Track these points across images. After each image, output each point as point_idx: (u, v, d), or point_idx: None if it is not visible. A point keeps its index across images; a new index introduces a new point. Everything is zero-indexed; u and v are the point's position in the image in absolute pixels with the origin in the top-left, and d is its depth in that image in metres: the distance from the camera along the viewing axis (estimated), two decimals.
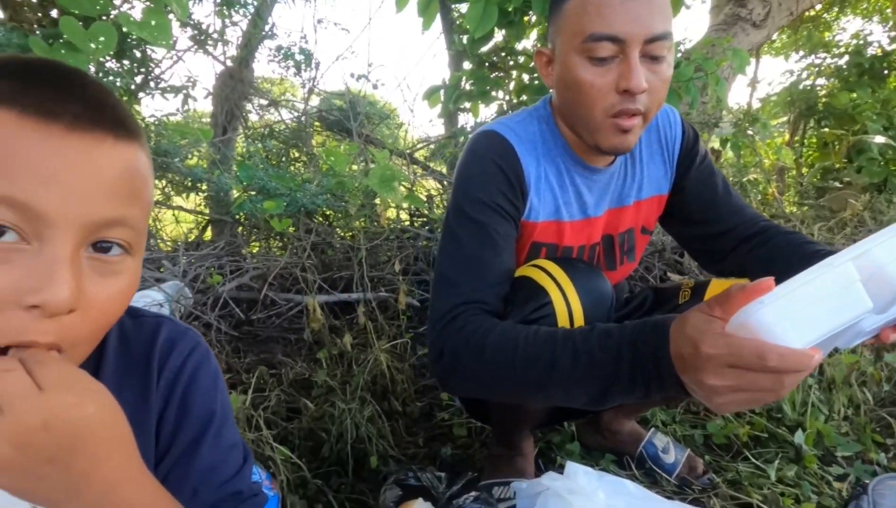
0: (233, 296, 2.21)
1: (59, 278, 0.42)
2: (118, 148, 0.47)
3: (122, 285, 0.49)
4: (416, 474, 0.99)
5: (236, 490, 0.64)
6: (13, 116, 0.42)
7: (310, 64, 3.22)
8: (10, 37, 1.85)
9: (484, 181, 1.04)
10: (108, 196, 0.46)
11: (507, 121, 1.11)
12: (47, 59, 0.49)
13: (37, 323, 0.43)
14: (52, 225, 0.43)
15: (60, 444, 0.41)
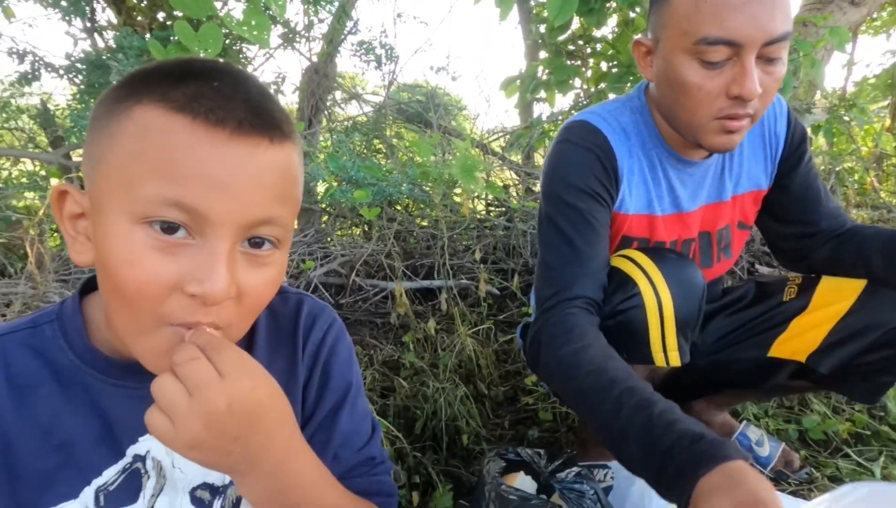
0: (322, 281, 2.32)
1: (216, 272, 0.47)
2: (274, 151, 0.51)
3: (272, 275, 0.54)
4: (515, 451, 1.03)
5: (370, 456, 0.70)
6: (186, 122, 0.47)
7: (390, 57, 3.30)
8: (130, 39, 2.02)
9: (580, 168, 1.03)
10: (263, 198, 0.50)
11: (599, 110, 1.09)
12: (216, 64, 0.53)
13: (199, 309, 0.49)
14: (213, 225, 0.48)
15: (242, 423, 0.47)
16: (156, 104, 0.48)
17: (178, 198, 0.46)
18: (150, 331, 0.50)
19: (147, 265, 0.47)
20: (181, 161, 0.46)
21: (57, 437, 0.56)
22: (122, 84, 0.52)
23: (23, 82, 2.62)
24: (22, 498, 0.55)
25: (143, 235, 0.47)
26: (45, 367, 0.57)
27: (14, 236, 2.20)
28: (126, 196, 0.47)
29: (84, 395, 0.58)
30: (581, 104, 3.38)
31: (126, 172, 0.47)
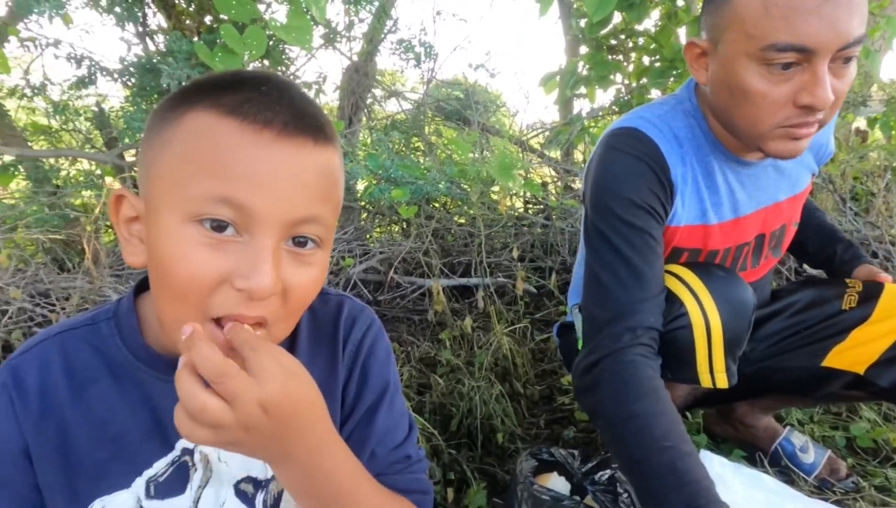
0: (361, 278, 2.37)
1: (263, 268, 0.50)
2: (317, 153, 0.53)
3: (315, 274, 0.56)
4: (549, 451, 1.03)
5: (406, 454, 0.71)
6: (235, 124, 0.50)
7: (429, 55, 3.32)
8: (179, 43, 2.09)
9: (633, 180, 0.97)
10: (306, 197, 0.52)
11: (648, 115, 1.02)
12: (258, 74, 0.56)
13: (245, 303, 0.51)
14: (260, 221, 0.50)
15: (278, 423, 0.49)
16: (207, 110, 0.51)
17: (226, 195, 0.49)
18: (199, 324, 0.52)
19: (196, 260, 0.50)
20: (230, 160, 0.49)
21: (111, 430, 0.60)
22: (175, 94, 0.55)
23: (80, 86, 2.75)
24: (78, 487, 0.58)
25: (194, 232, 0.50)
26: (102, 363, 0.61)
27: (72, 233, 2.31)
28: (178, 196, 0.50)
29: (137, 390, 0.61)
30: (622, 100, 3.32)
31: (178, 174, 0.50)
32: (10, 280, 1.80)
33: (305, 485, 0.56)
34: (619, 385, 0.88)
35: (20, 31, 2.74)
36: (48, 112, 2.88)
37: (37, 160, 2.62)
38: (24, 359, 0.60)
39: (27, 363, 0.60)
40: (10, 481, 0.57)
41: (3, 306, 1.74)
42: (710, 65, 0.94)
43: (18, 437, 0.57)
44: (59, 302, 1.83)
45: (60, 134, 3.17)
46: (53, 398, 0.59)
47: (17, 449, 0.57)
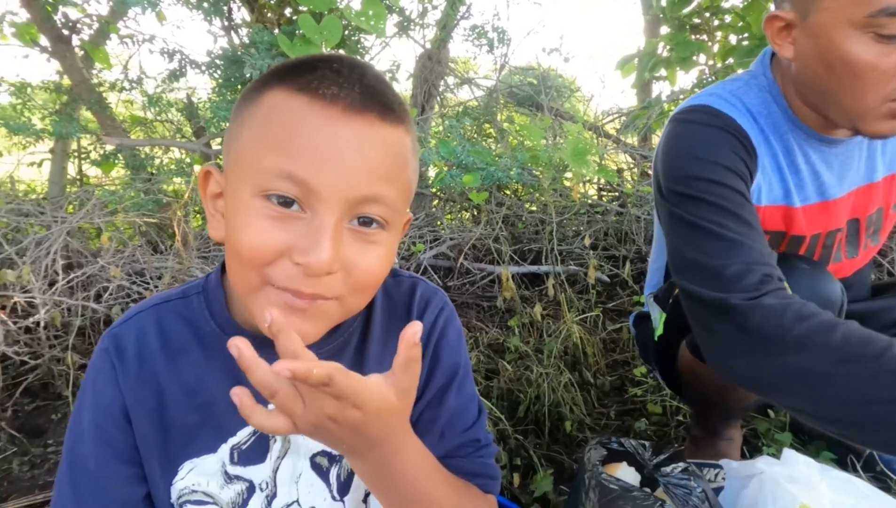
0: (431, 264, 2.39)
1: (321, 244, 0.50)
2: (383, 130, 0.53)
3: (380, 254, 0.56)
4: (618, 440, 1.01)
5: (475, 438, 0.71)
6: (304, 101, 0.52)
7: (502, 41, 3.28)
8: (261, 35, 2.18)
9: (716, 146, 0.90)
10: (369, 176, 0.52)
11: (719, 91, 0.96)
12: (334, 55, 0.58)
13: (303, 278, 0.52)
14: (321, 199, 0.50)
15: (347, 431, 0.49)
16: (282, 88, 0.53)
17: (290, 170, 0.50)
18: (257, 290, 0.54)
19: (259, 230, 0.51)
20: (295, 136, 0.50)
21: (201, 397, 0.63)
22: (258, 78, 0.57)
23: (172, 79, 2.92)
24: (171, 449, 0.63)
25: (260, 205, 0.52)
26: (193, 334, 0.65)
27: (164, 217, 2.47)
28: (251, 171, 0.52)
29: (224, 361, 0.64)
30: (705, 81, 3.16)
31: (253, 150, 0.53)
32: (110, 260, 1.96)
33: (377, 481, 0.58)
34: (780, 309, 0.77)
35: (119, 28, 2.94)
36: (144, 105, 3.08)
37: (134, 149, 2.81)
38: (123, 328, 0.64)
39: (126, 331, 0.64)
40: (114, 439, 0.62)
41: (104, 283, 1.89)
42: (798, 38, 0.87)
43: (119, 399, 0.62)
44: (153, 281, 1.96)
45: (155, 125, 3.39)
46: (150, 365, 0.63)
47: (119, 411, 0.62)
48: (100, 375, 0.62)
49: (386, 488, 0.58)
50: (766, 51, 0.99)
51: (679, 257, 0.90)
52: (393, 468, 0.56)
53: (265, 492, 0.65)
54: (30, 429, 1.53)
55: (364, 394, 0.47)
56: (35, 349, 1.70)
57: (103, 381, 0.62)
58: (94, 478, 0.61)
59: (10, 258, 1.93)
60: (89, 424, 0.61)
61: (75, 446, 0.61)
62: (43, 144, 2.94)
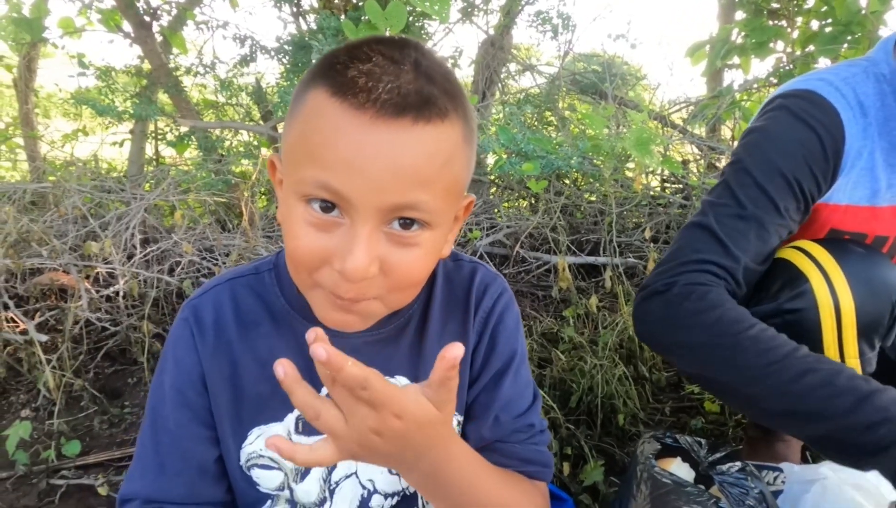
0: (487, 251, 2.40)
1: (354, 253, 0.51)
2: (419, 133, 0.51)
3: (419, 254, 0.56)
4: (673, 436, 0.99)
5: (529, 423, 0.72)
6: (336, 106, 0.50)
7: (567, 27, 3.22)
8: (328, 21, 2.23)
9: (792, 148, 0.88)
10: (402, 184, 0.51)
11: (832, 77, 0.91)
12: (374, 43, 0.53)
13: (342, 283, 0.54)
14: (356, 207, 0.51)
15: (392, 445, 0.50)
16: (322, 88, 0.52)
17: (325, 181, 0.51)
18: (309, 288, 0.59)
19: (304, 239, 0.54)
20: (329, 146, 0.50)
21: (270, 368, 0.67)
22: (310, 69, 0.57)
23: (243, 64, 3.04)
24: (242, 415, 0.67)
25: (303, 210, 0.53)
26: (264, 309, 0.68)
27: (232, 197, 2.58)
28: (293, 175, 0.54)
29: (292, 335, 0.67)
30: (782, 70, 3.00)
31: (294, 154, 0.55)
32: (182, 236, 2.06)
33: (428, 489, 0.60)
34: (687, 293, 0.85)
35: (196, 15, 3.07)
36: (216, 88, 3.22)
37: (206, 131, 2.94)
38: (202, 300, 0.69)
39: (204, 303, 0.68)
40: (192, 403, 0.66)
41: (177, 257, 1.99)
42: None
43: (198, 365, 0.66)
44: (221, 257, 2.06)
45: (225, 108, 3.53)
46: (225, 336, 0.67)
47: (197, 376, 0.66)
48: (180, 342, 0.66)
49: (438, 496, 0.60)
50: (888, 38, 0.93)
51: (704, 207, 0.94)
52: (443, 476, 0.57)
53: None
54: (109, 391, 1.65)
55: (403, 402, 0.48)
56: (115, 317, 1.82)
57: (184, 348, 0.66)
58: (174, 437, 0.65)
59: (93, 232, 2.07)
60: (170, 387, 0.66)
61: (157, 406, 0.66)
62: (124, 126, 3.11)
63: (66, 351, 1.59)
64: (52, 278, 1.89)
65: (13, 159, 3.46)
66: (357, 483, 0.70)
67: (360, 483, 0.70)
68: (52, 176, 2.59)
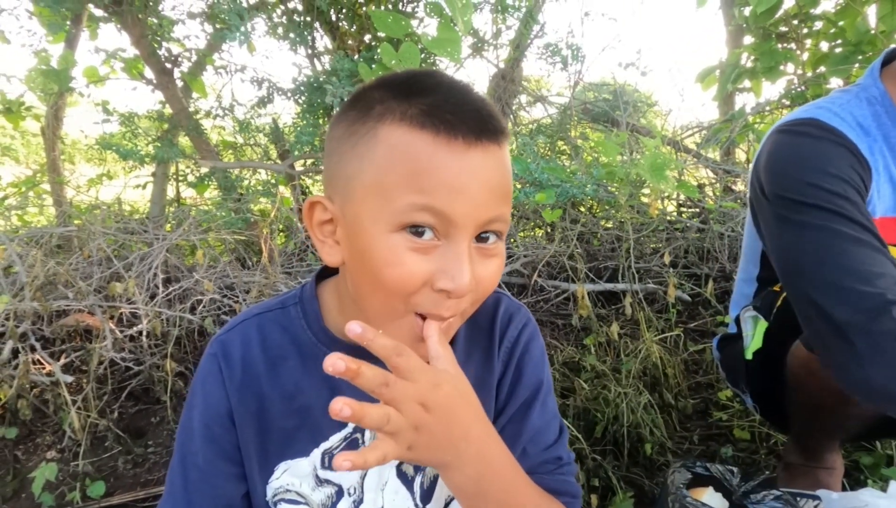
0: (505, 281, 2.39)
1: (463, 269, 0.54)
2: (498, 153, 0.56)
3: (498, 264, 0.60)
4: (703, 465, 0.97)
5: (557, 455, 0.71)
6: (428, 137, 0.53)
7: (576, 57, 3.27)
8: (342, 62, 2.29)
9: (829, 158, 0.88)
10: (494, 199, 0.55)
11: (828, 105, 0.94)
12: (437, 79, 0.57)
13: (445, 301, 0.55)
14: (456, 226, 0.54)
15: (440, 417, 0.51)
16: (398, 123, 0.54)
17: (428, 204, 0.53)
18: (400, 317, 0.58)
19: (407, 264, 0.54)
20: (427, 172, 0.53)
21: (297, 402, 0.67)
22: (356, 104, 0.58)
23: (260, 105, 3.11)
24: (269, 451, 0.66)
25: (401, 239, 0.54)
26: (291, 343, 0.68)
27: (252, 234, 2.62)
28: (385, 208, 0.54)
29: (319, 369, 0.66)
30: (794, 92, 3.00)
31: (381, 186, 0.54)
32: (204, 275, 2.09)
33: (474, 481, 0.58)
34: None
35: (215, 60, 3.17)
36: (234, 130, 3.30)
37: (225, 171, 3.01)
38: (230, 335, 0.69)
39: (232, 338, 0.69)
40: (220, 438, 0.66)
41: (199, 296, 2.02)
42: None
43: (225, 401, 0.66)
44: (241, 294, 2.08)
45: (244, 148, 3.61)
46: (253, 370, 0.67)
47: (225, 412, 0.66)
48: (209, 377, 0.67)
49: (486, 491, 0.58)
50: (875, 63, 0.97)
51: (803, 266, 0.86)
52: (489, 461, 0.57)
53: (353, 497, 0.68)
54: (133, 430, 1.65)
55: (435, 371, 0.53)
56: (138, 356, 1.84)
57: (212, 383, 0.67)
58: (203, 473, 0.65)
59: (117, 272, 2.11)
60: (199, 423, 0.66)
61: (186, 442, 0.66)
62: (146, 168, 3.20)
63: (91, 391, 1.61)
64: (78, 320, 1.92)
65: (40, 205, 3.56)
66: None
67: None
68: (78, 220, 2.65)
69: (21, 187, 3.40)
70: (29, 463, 1.51)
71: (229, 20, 2.29)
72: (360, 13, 2.92)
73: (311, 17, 2.87)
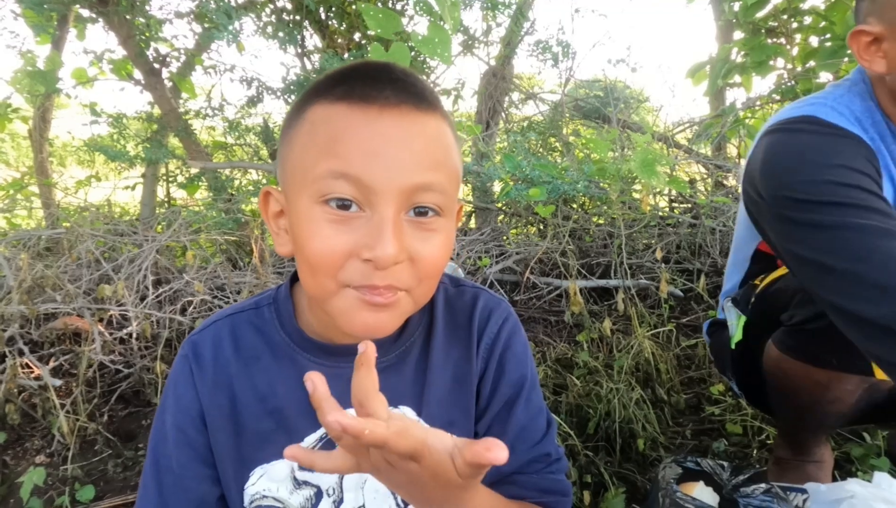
0: (497, 278, 2.39)
1: (384, 237, 0.52)
2: (421, 121, 0.55)
3: (440, 240, 0.57)
4: (694, 459, 0.97)
5: (545, 452, 0.69)
6: (343, 108, 0.54)
7: (567, 54, 3.27)
8: (331, 61, 2.28)
9: (838, 151, 0.85)
10: (417, 164, 0.54)
11: (822, 100, 0.92)
12: (360, 62, 0.59)
13: (374, 272, 0.54)
14: (377, 193, 0.52)
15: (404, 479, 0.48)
16: (321, 103, 0.56)
17: (343, 170, 0.52)
18: (334, 294, 0.56)
19: (325, 236, 0.54)
20: (342, 139, 0.53)
21: (271, 403, 0.66)
22: (297, 100, 0.60)
23: (250, 105, 3.10)
24: (244, 454, 0.65)
25: (321, 211, 0.54)
26: (264, 343, 0.67)
27: (242, 235, 2.61)
28: (306, 180, 0.55)
29: (292, 369, 0.66)
30: (784, 86, 3.01)
31: (303, 161, 0.55)
32: (194, 276, 2.08)
33: None
34: None
35: (203, 60, 3.15)
36: (224, 130, 3.28)
37: (216, 172, 2.99)
38: (201, 336, 0.68)
39: (204, 339, 0.68)
40: (193, 441, 0.65)
41: (189, 297, 2.01)
42: (891, 51, 0.84)
43: (196, 402, 0.65)
44: (232, 295, 2.07)
45: (234, 149, 3.59)
46: (225, 371, 0.66)
47: (197, 413, 0.65)
48: (180, 378, 0.66)
49: None
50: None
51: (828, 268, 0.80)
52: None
53: (332, 497, 0.66)
54: (123, 433, 1.64)
55: (422, 452, 0.45)
56: (128, 359, 1.82)
57: (183, 385, 0.66)
58: (177, 477, 0.64)
59: (107, 275, 2.10)
60: (171, 425, 0.65)
61: (159, 445, 0.65)
62: (136, 170, 3.18)
63: (81, 395, 1.59)
64: (67, 323, 1.90)
65: (28, 207, 3.53)
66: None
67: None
68: (67, 222, 2.63)
69: (9, 190, 3.38)
70: (17, 468, 1.49)
71: (217, 19, 2.27)
72: (350, 11, 2.91)
73: (300, 15, 2.86)
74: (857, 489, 0.85)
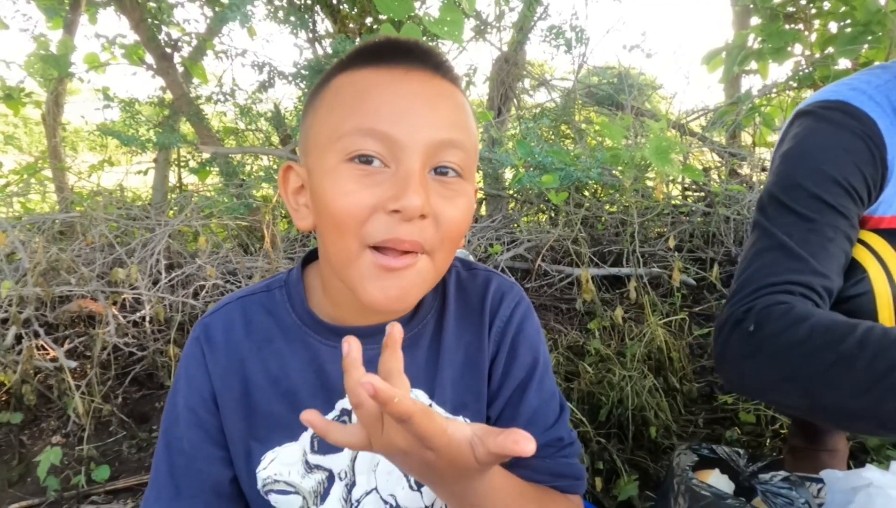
0: (509, 265, 2.38)
1: (412, 188, 0.52)
2: (442, 85, 0.57)
3: (463, 203, 0.58)
4: (709, 447, 0.96)
5: (558, 436, 0.69)
6: (369, 71, 0.56)
7: (580, 40, 3.22)
8: (343, 45, 2.26)
9: (840, 154, 0.85)
10: (441, 122, 0.55)
11: (863, 85, 0.89)
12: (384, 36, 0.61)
13: (400, 225, 0.53)
14: (403, 148, 0.53)
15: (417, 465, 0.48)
16: (344, 73, 0.58)
17: (371, 126, 0.53)
18: (356, 258, 0.55)
19: (351, 191, 0.54)
20: (369, 98, 0.54)
21: (283, 386, 0.66)
22: (321, 77, 0.61)
23: (261, 90, 3.09)
24: (255, 435, 0.65)
25: (348, 169, 0.54)
26: (276, 325, 0.67)
27: (254, 220, 2.61)
28: (331, 140, 0.55)
29: (305, 351, 0.66)
30: (802, 73, 2.96)
31: (328, 123, 0.56)
32: (206, 260, 2.09)
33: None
34: (766, 318, 0.77)
35: (215, 45, 3.14)
36: (236, 115, 3.28)
37: (227, 157, 2.99)
38: (213, 318, 0.68)
39: (215, 321, 0.67)
40: (205, 422, 0.65)
41: (201, 281, 2.02)
42: None
43: (208, 384, 0.65)
44: (244, 280, 2.08)
45: (245, 134, 3.59)
46: (236, 354, 0.66)
47: (208, 395, 0.65)
48: (192, 361, 0.66)
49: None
50: None
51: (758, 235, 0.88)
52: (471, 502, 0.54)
53: (344, 481, 0.66)
54: (137, 415, 1.66)
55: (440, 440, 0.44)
56: (141, 342, 1.84)
57: (195, 367, 0.65)
58: (189, 458, 0.64)
59: (120, 258, 2.11)
60: (183, 407, 0.65)
61: (171, 427, 0.65)
62: (148, 155, 3.19)
63: (95, 377, 1.61)
64: (81, 306, 1.92)
65: (42, 192, 3.56)
66: (379, 499, 0.68)
67: (382, 499, 0.68)
68: (80, 206, 2.65)
69: (23, 174, 3.40)
70: (34, 448, 1.52)
71: (229, 2, 2.26)
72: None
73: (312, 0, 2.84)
74: (874, 476, 0.84)
